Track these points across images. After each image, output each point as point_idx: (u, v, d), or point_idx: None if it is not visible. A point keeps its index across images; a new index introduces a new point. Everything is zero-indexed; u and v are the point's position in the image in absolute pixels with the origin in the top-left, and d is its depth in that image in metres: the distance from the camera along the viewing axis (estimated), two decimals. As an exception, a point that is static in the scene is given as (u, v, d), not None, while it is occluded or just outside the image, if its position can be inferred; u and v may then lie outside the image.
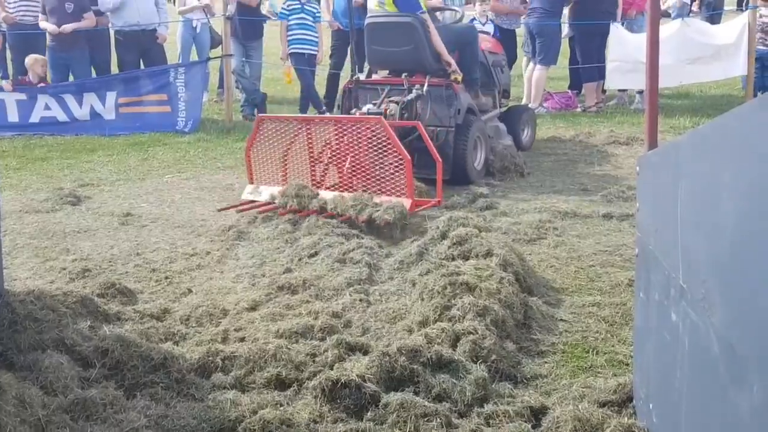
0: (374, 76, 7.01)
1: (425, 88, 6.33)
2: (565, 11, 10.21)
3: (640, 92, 9.76)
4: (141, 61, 10.19)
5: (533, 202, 5.90)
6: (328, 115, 7.08)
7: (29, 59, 9.60)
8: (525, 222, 5.33)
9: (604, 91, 10.22)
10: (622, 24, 9.75)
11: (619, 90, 10.20)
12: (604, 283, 4.28)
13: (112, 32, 10.25)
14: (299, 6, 9.81)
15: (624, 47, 9.37)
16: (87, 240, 5.36)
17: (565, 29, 10.56)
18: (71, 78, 9.95)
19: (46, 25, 9.70)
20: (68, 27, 9.59)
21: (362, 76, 6.97)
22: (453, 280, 3.73)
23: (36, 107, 9.36)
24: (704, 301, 1.88)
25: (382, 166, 5.53)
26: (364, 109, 6.27)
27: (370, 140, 5.56)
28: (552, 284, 4.31)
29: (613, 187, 6.14)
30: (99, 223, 5.76)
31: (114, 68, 10.53)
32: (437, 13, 7.61)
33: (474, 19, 9.90)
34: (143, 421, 2.67)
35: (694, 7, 13.32)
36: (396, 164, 5.39)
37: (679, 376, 2.14)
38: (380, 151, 5.50)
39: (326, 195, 5.49)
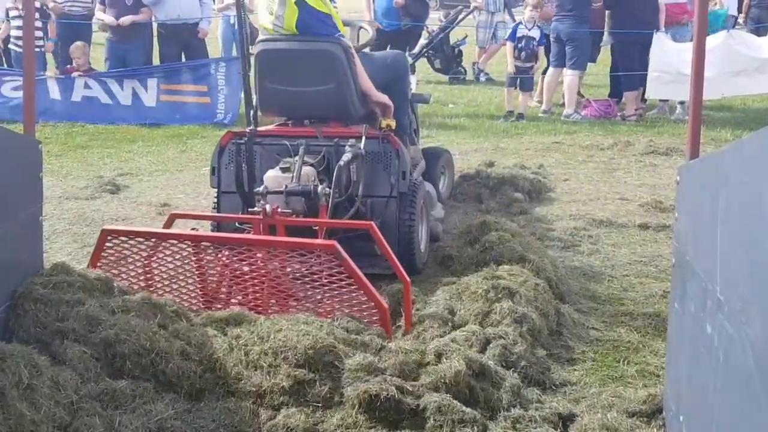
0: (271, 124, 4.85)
1: (362, 143, 4.35)
2: (606, 19, 10.14)
3: (681, 103, 9.65)
4: (183, 55, 10.31)
5: (569, 209, 5.86)
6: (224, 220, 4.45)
7: (72, 47, 9.80)
8: (560, 229, 5.30)
9: (644, 100, 10.12)
10: (666, 32, 9.64)
11: (661, 100, 10.10)
12: (638, 294, 4.24)
13: (155, 26, 10.38)
14: None
15: (666, 57, 9.26)
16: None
17: (606, 37, 10.48)
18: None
19: (104, 16, 9.86)
20: (127, 20, 9.73)
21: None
22: (495, 284, 3.71)
23: (76, 87, 9.56)
24: (741, 314, 1.85)
25: (332, 305, 3.59)
26: (269, 179, 4.18)
27: (312, 272, 3.61)
28: (585, 292, 4.28)
29: (650, 197, 6.08)
30: (137, 212, 5.84)
31: (156, 62, 10.67)
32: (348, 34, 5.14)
33: (520, 23, 9.88)
34: (171, 413, 2.70)
35: (740, 20, 13.12)
36: (359, 308, 3.54)
37: (713, 390, 2.12)
38: (329, 288, 3.56)
39: None
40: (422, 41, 12.92)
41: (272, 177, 4.22)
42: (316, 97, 4.54)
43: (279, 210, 3.91)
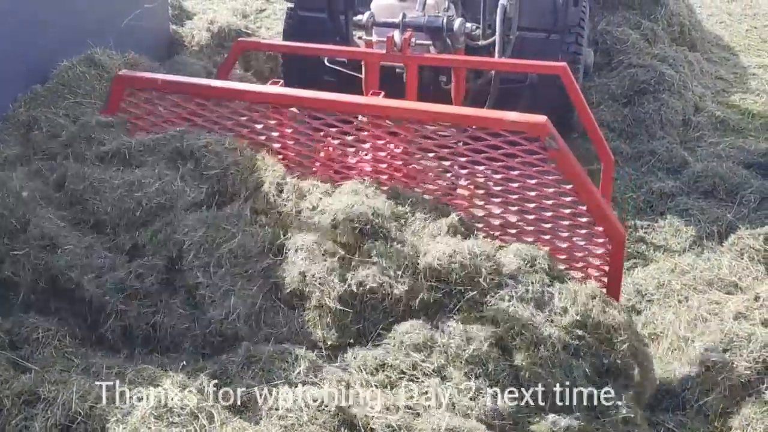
0: None
1: None
2: None
3: None
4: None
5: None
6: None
7: None
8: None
9: None
10: None
11: None
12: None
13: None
14: None
15: None
16: None
17: None
18: None
19: None
20: None
21: None
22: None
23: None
24: None
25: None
26: (379, 7, 2.89)
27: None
28: (718, 41, 4.10)
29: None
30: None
31: None
32: None
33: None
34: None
35: None
36: (569, 229, 2.31)
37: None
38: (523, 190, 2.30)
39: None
40: None
41: (384, 5, 2.88)
42: None
43: (413, 41, 2.53)
